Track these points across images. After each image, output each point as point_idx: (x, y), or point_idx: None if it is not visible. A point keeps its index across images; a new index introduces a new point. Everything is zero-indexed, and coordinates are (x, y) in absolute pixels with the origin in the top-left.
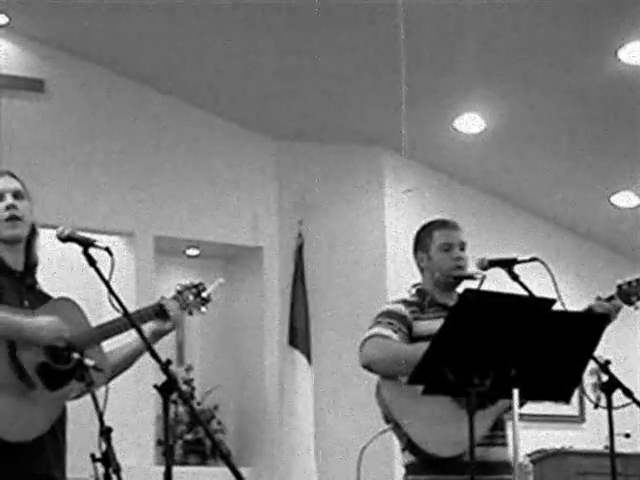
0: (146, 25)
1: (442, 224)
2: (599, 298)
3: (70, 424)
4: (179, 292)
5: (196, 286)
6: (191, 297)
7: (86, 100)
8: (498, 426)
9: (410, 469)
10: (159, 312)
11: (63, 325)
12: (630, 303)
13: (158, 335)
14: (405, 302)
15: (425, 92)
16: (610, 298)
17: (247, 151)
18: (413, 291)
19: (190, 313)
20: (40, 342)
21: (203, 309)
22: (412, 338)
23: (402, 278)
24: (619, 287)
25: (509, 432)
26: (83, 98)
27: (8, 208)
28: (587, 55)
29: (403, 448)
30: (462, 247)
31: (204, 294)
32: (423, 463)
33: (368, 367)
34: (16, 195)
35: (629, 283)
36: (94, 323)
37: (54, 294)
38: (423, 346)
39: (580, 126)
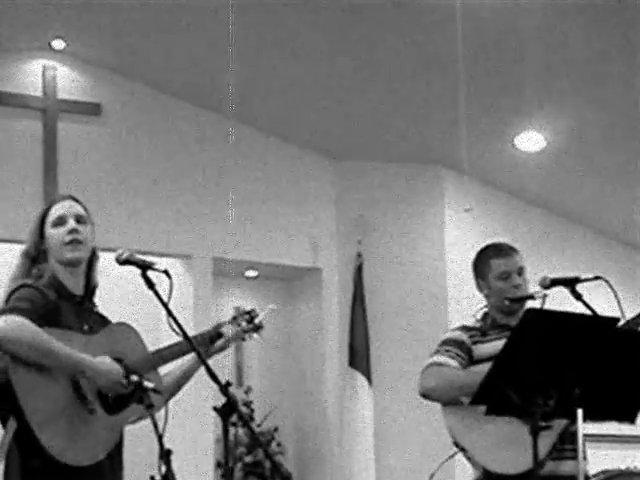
0: (202, 47)
1: (498, 252)
2: None
3: (130, 446)
4: (234, 317)
5: (249, 312)
6: (244, 323)
7: (143, 123)
8: (568, 440)
9: None
10: (215, 337)
11: (119, 372)
12: None
13: (209, 354)
14: (464, 328)
15: (485, 110)
16: None
17: (305, 172)
18: (479, 315)
19: (243, 339)
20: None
21: (255, 335)
22: (473, 362)
23: (463, 298)
24: None
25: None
26: (140, 121)
27: (70, 232)
28: None
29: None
30: (520, 272)
31: (256, 320)
32: (492, 478)
33: (426, 396)
34: (79, 219)
35: None
36: (151, 346)
37: (113, 317)
38: (477, 369)
39: None
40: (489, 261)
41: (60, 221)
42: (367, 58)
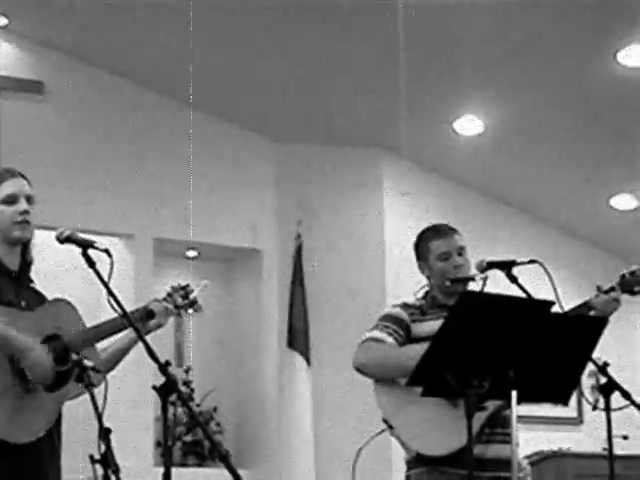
0: (144, 27)
1: (437, 233)
2: (599, 288)
3: (69, 425)
4: (169, 294)
5: (184, 288)
6: (179, 299)
7: (85, 102)
8: (498, 423)
9: (411, 464)
10: (150, 314)
11: (47, 363)
12: (633, 293)
13: (145, 332)
14: (405, 305)
15: (424, 94)
16: (610, 289)
17: (246, 153)
18: (420, 294)
19: (179, 315)
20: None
21: (190, 310)
22: (411, 340)
23: (401, 279)
24: (622, 276)
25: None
26: (82, 100)
27: (22, 213)
28: (586, 58)
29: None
30: (460, 252)
31: (191, 296)
32: (423, 458)
33: (359, 370)
34: (29, 199)
35: (633, 273)
36: (91, 324)
37: (54, 295)
38: (411, 349)
39: (579, 128)
40: (429, 242)
41: (10, 199)
42: (308, 41)
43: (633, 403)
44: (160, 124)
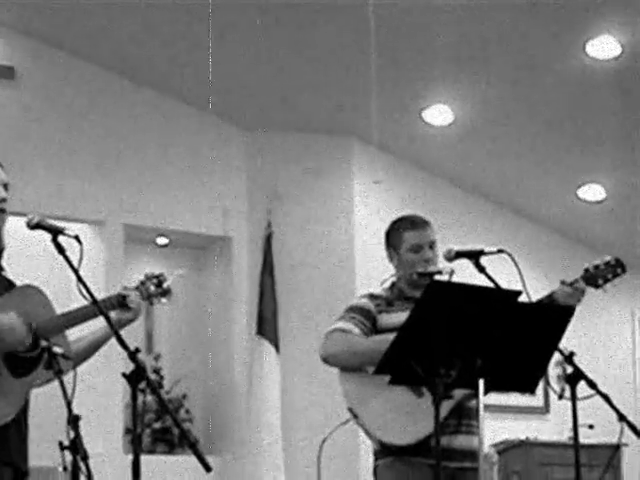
0: (115, 12)
1: (411, 224)
2: (563, 282)
3: (38, 412)
4: (142, 282)
5: (157, 277)
6: (152, 287)
7: (55, 87)
8: (463, 414)
9: (377, 454)
10: (121, 302)
11: (23, 329)
12: (597, 286)
13: (119, 325)
14: (371, 296)
15: (395, 83)
16: (574, 282)
17: (217, 140)
18: (386, 284)
19: (151, 303)
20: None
21: (164, 300)
22: (377, 331)
23: (370, 268)
24: (586, 270)
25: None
26: (53, 85)
27: (1, 201)
28: (555, 48)
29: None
30: (431, 246)
31: (164, 285)
32: (389, 448)
33: (326, 361)
34: (5, 187)
35: (596, 266)
36: (61, 311)
37: (23, 281)
38: (378, 338)
39: (548, 119)
40: (402, 233)
41: None
42: (279, 28)
43: (599, 392)
44: (130, 111)
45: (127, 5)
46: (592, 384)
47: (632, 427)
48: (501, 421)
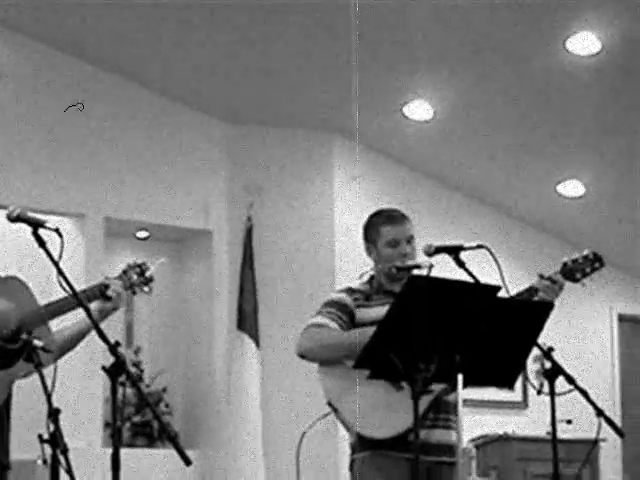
0: (99, 7)
1: (389, 219)
2: (541, 276)
3: (18, 405)
4: (124, 272)
5: (139, 265)
6: (135, 277)
7: (37, 81)
8: (441, 409)
9: (355, 448)
10: (103, 292)
11: (7, 312)
12: (575, 280)
13: (102, 315)
14: (349, 290)
15: (375, 78)
16: (552, 275)
17: (198, 134)
18: (365, 278)
19: (134, 293)
20: None
21: (146, 289)
22: (356, 325)
23: (350, 263)
24: (564, 264)
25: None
26: (34, 80)
27: None
28: (535, 45)
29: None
30: (409, 240)
31: (147, 274)
32: (366, 442)
33: (302, 356)
34: None
35: (574, 260)
36: (42, 303)
37: (3, 273)
38: (352, 332)
39: (527, 115)
40: (379, 227)
41: None
42: (261, 22)
43: (577, 388)
44: (110, 105)
45: (108, 0)
46: (570, 379)
47: (610, 422)
48: (480, 416)
